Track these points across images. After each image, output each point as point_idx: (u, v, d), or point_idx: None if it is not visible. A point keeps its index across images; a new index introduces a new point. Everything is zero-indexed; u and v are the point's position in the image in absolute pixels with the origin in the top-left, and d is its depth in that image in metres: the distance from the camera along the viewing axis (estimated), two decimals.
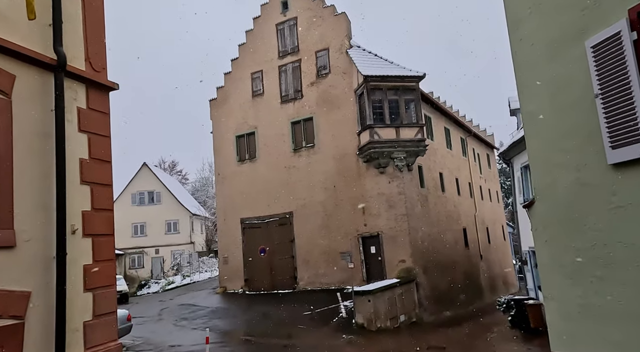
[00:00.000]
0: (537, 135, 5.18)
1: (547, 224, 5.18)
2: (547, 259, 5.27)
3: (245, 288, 22.36)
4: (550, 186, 5.03)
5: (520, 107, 5.48)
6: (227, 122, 24.46)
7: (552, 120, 4.92)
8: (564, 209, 4.86)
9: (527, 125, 5.40)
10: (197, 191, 56.83)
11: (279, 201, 22.09)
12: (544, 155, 5.08)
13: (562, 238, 4.92)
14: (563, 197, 4.85)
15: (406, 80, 19.73)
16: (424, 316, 18.60)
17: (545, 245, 5.26)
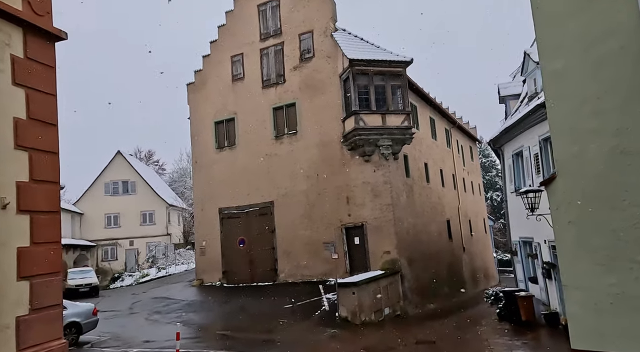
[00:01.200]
0: (563, 98, 4.46)
1: (572, 201, 4.48)
2: (571, 243, 4.58)
3: (223, 280, 21.42)
4: (577, 156, 4.33)
5: (542, 69, 4.75)
6: (206, 108, 23.34)
7: (584, 78, 4.21)
8: (595, 183, 4.16)
9: (550, 87, 4.67)
10: (174, 181, 55.22)
11: (259, 190, 21.17)
12: (570, 121, 4.37)
13: (593, 217, 4.22)
14: (595, 169, 4.15)
15: (393, 65, 18.99)
16: (409, 308, 18.04)
17: (569, 227, 4.57)
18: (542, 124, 11.52)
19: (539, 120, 11.55)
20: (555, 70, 4.59)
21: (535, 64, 13.26)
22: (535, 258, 12.52)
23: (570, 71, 4.37)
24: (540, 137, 11.66)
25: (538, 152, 11.80)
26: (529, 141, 12.41)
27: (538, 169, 11.86)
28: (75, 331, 11.73)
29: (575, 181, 4.48)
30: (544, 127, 11.45)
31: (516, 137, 13.45)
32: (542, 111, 11.12)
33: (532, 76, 13.71)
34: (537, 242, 12.29)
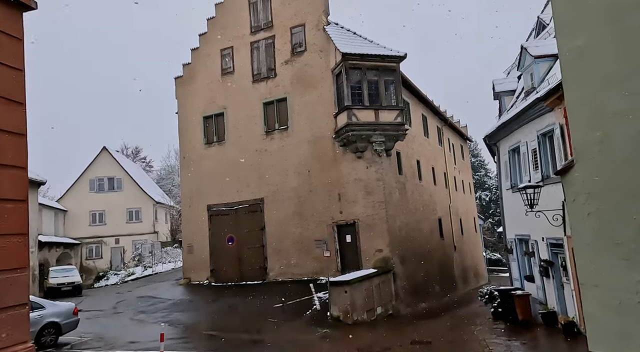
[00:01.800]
0: (584, 79, 4.10)
1: (593, 191, 4.12)
2: (591, 237, 4.22)
3: (211, 279, 20.89)
4: (600, 142, 3.97)
5: (559, 48, 4.38)
6: (194, 102, 22.76)
7: (609, 56, 3.85)
8: (621, 171, 3.80)
9: (568, 68, 4.31)
10: (162, 179, 54.35)
11: (249, 186, 20.68)
12: (594, 103, 4.01)
13: (617, 208, 3.86)
14: (620, 155, 3.79)
15: (387, 60, 18.63)
16: (401, 307, 17.73)
17: (589, 219, 4.21)
18: (540, 119, 11.25)
19: (538, 114, 11.27)
20: (574, 48, 4.22)
21: (533, 58, 13.00)
22: (532, 256, 12.27)
23: (593, 49, 4.00)
24: (539, 132, 11.39)
25: (536, 148, 11.53)
26: (527, 136, 12.14)
27: (536, 165, 11.59)
28: (54, 331, 11.16)
29: (597, 168, 4.11)
30: (542, 121, 11.19)
31: (513, 133, 13.18)
32: (541, 105, 10.84)
33: (528, 71, 13.45)
34: (534, 240, 12.03)
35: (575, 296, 9.92)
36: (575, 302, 9.95)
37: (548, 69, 12.82)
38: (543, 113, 10.95)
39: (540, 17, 17.26)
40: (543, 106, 10.77)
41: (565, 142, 9.84)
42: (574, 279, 9.95)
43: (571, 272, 10.06)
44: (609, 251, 4.03)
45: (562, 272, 10.94)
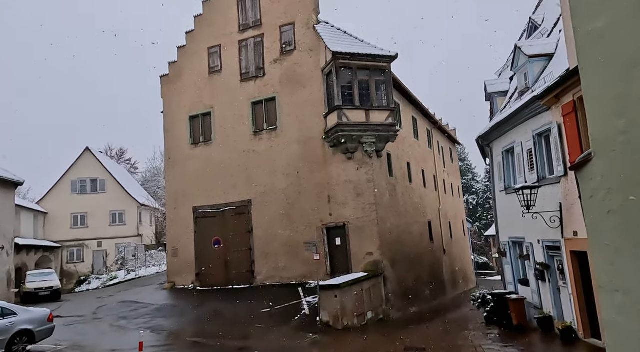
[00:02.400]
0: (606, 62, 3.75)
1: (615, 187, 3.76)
2: (612, 236, 3.84)
3: (197, 283, 20.27)
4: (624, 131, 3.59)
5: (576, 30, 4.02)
6: (180, 101, 22.17)
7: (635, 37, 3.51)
8: None
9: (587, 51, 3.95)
10: (147, 181, 53.39)
11: (236, 188, 20.15)
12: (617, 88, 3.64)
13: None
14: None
15: (378, 59, 18.33)
16: (391, 312, 17.36)
17: (610, 217, 3.82)
18: (536, 118, 11.01)
19: (534, 114, 11.03)
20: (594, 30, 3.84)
21: (527, 58, 12.79)
22: (526, 259, 11.99)
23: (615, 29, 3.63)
24: (535, 132, 11.14)
25: (532, 148, 11.28)
26: (522, 137, 11.89)
27: (532, 166, 11.33)
28: (27, 339, 10.49)
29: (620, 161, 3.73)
30: (538, 121, 10.94)
31: (507, 133, 12.93)
32: (537, 104, 10.60)
33: (522, 71, 13.24)
34: (529, 243, 11.76)
35: (573, 301, 9.65)
36: (573, 306, 9.67)
37: (542, 68, 12.62)
38: (539, 112, 10.70)
39: (532, 18, 17.14)
40: (539, 105, 10.53)
41: (564, 142, 9.59)
42: (572, 282, 9.68)
43: (569, 276, 9.79)
44: (633, 251, 3.65)
45: (558, 276, 10.67)
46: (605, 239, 3.99)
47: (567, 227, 9.71)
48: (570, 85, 8.90)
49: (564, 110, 9.37)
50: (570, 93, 9.03)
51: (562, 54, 11.82)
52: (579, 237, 9.17)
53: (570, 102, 9.05)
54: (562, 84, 9.08)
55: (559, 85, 9.18)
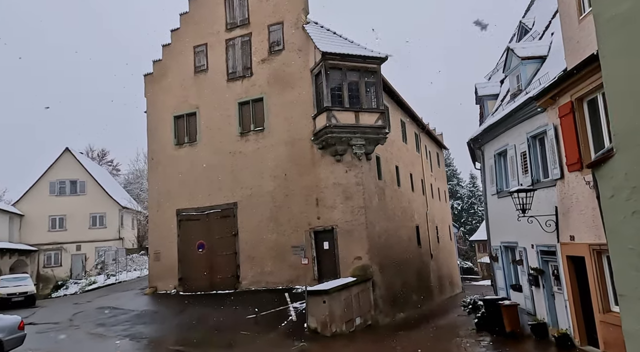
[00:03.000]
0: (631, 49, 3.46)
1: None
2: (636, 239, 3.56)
3: (179, 288, 19.62)
4: None
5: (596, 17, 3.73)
6: (165, 101, 21.56)
7: None
8: None
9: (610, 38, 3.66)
10: (130, 183, 52.24)
11: (221, 190, 19.61)
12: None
13: None
14: None
15: (368, 61, 18.05)
16: (380, 318, 17.00)
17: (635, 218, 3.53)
18: (531, 120, 10.81)
19: (528, 116, 10.83)
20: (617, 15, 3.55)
21: (520, 59, 12.63)
22: (520, 264, 11.77)
23: None
24: (529, 135, 10.94)
25: (526, 150, 11.07)
26: (515, 139, 11.69)
27: (525, 169, 11.12)
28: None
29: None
30: (533, 123, 10.74)
31: (499, 136, 12.73)
32: (532, 106, 10.40)
33: (515, 73, 13.08)
34: (523, 247, 11.54)
35: (569, 307, 9.41)
36: (569, 313, 9.43)
37: (535, 71, 12.48)
38: (534, 114, 10.51)
39: (523, 21, 17.09)
40: (535, 107, 10.33)
41: (560, 144, 9.38)
42: (568, 288, 9.45)
43: (565, 282, 9.56)
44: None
45: (553, 281, 10.44)
46: (629, 242, 3.66)
47: (563, 232, 9.49)
48: (568, 85, 8.69)
49: (560, 111, 9.17)
50: (568, 94, 8.82)
51: (555, 56, 11.70)
52: (575, 242, 8.95)
53: (568, 103, 8.85)
54: (559, 85, 8.88)
55: (556, 85, 8.97)
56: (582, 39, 8.26)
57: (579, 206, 8.69)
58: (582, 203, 8.58)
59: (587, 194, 8.34)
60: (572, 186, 8.95)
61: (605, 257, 8.22)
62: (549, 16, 14.94)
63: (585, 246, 8.50)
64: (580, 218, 8.64)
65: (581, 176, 8.56)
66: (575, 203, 8.82)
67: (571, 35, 8.67)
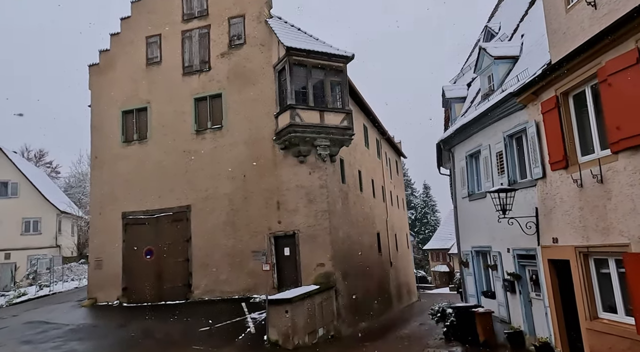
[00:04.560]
0: None
1: None
2: None
3: (123, 299, 17.79)
4: None
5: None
6: (112, 94, 19.78)
7: None
8: None
9: None
10: (71, 187, 48.65)
11: (173, 191, 18.09)
12: None
13: None
14: None
15: (334, 59, 17.32)
16: (342, 328, 16.10)
17: None
18: (508, 119, 10.40)
19: (505, 114, 10.42)
20: None
21: (492, 59, 12.33)
22: (494, 269, 11.28)
23: None
24: (505, 134, 10.53)
25: (502, 150, 10.64)
26: (490, 139, 11.27)
27: (502, 169, 10.69)
28: None
29: None
30: (510, 121, 10.34)
31: (472, 137, 12.30)
32: (511, 103, 9.98)
33: (487, 73, 12.77)
34: (497, 252, 11.06)
35: (550, 314, 8.92)
36: (550, 320, 8.94)
37: (507, 71, 12.21)
38: (512, 112, 10.10)
39: (489, 25, 17.04)
40: (513, 104, 9.91)
41: (542, 142, 8.95)
42: (549, 294, 8.96)
43: (545, 287, 9.07)
44: None
45: (530, 287, 9.98)
46: None
47: (544, 234, 9.03)
48: (553, 79, 8.28)
49: (543, 107, 8.75)
50: (552, 88, 8.41)
51: (528, 56, 11.45)
52: (559, 245, 8.48)
53: (552, 97, 8.43)
54: (543, 79, 8.45)
55: (540, 80, 8.54)
56: (570, 29, 7.87)
57: (563, 206, 8.24)
58: (567, 203, 8.13)
59: (574, 193, 7.90)
60: (555, 185, 8.50)
61: (593, 260, 7.77)
62: (516, 20, 14.90)
63: (571, 249, 8.03)
64: (565, 219, 8.18)
65: (566, 175, 8.11)
66: (560, 203, 8.37)
67: (556, 27, 8.29)
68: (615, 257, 7.20)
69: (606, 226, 7.14)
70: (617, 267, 7.21)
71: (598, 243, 7.37)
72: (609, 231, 7.10)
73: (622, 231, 6.81)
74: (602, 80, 7.01)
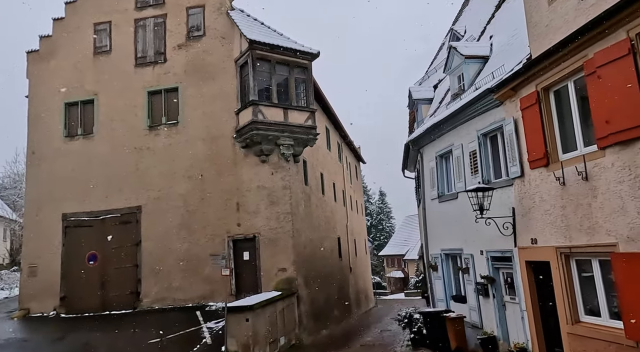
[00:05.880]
0: None
1: None
2: None
3: (61, 310, 16.07)
4: None
5: None
6: (54, 84, 18.05)
7: None
8: None
9: None
10: (5, 189, 44.63)
11: (122, 191, 16.67)
12: None
13: None
14: None
15: (299, 55, 16.68)
16: (304, 336, 15.33)
17: None
18: (483, 117, 10.13)
19: (480, 112, 10.14)
20: None
21: (463, 58, 12.11)
22: (465, 273, 10.95)
23: None
24: (480, 132, 10.24)
25: (476, 149, 10.35)
26: (463, 138, 10.97)
27: (475, 169, 10.38)
28: None
29: None
30: (485, 119, 10.06)
31: (443, 136, 11.99)
32: (487, 100, 9.70)
33: (457, 73, 12.55)
34: (469, 254, 10.73)
35: (528, 318, 8.59)
36: (527, 325, 8.61)
37: (477, 71, 12.03)
38: (487, 109, 9.82)
39: (454, 28, 17.03)
40: (488, 102, 9.63)
41: (520, 139, 8.67)
42: (526, 297, 8.64)
43: (522, 290, 8.76)
44: None
45: (505, 290, 9.68)
46: None
47: (521, 235, 8.73)
48: (534, 74, 8.02)
49: (522, 103, 8.48)
50: (533, 83, 8.15)
51: (498, 57, 11.30)
52: (538, 246, 8.18)
53: (533, 93, 8.16)
54: (523, 74, 8.19)
55: (520, 75, 8.27)
56: (553, 21, 7.63)
57: (543, 205, 7.95)
58: (548, 202, 7.84)
59: (555, 192, 7.61)
60: (535, 183, 8.22)
61: (575, 261, 7.49)
62: (483, 23, 14.88)
63: (552, 250, 7.73)
64: (546, 219, 7.88)
65: (547, 173, 7.83)
66: (539, 203, 8.08)
67: (538, 20, 8.05)
68: (600, 258, 6.93)
69: (591, 225, 6.86)
70: (602, 268, 6.94)
71: (582, 243, 7.09)
72: (594, 230, 6.82)
73: (609, 230, 6.53)
74: (590, 73, 6.75)
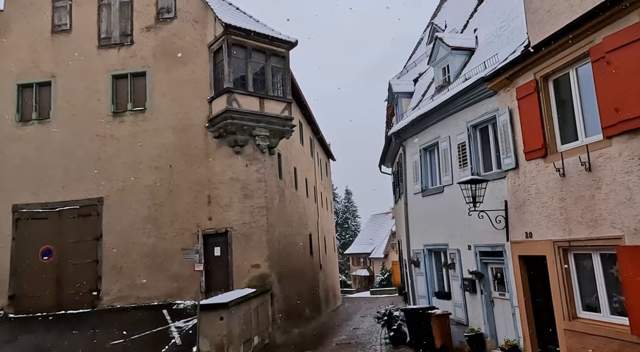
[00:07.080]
0: None
1: None
2: None
3: (9, 309, 14.67)
4: None
5: None
6: (5, 63, 16.52)
7: None
8: None
9: None
10: None
11: (82, 181, 15.43)
12: None
13: None
14: None
15: (276, 43, 15.99)
16: (277, 335, 14.69)
17: None
18: (473, 107, 9.82)
19: (470, 103, 9.84)
20: None
21: (449, 49, 11.81)
22: (451, 269, 10.64)
23: None
24: (469, 124, 9.94)
25: (465, 141, 10.05)
26: (450, 131, 10.66)
27: (464, 162, 10.08)
28: None
29: None
30: (476, 110, 9.76)
31: (429, 128, 11.65)
32: (479, 90, 9.40)
33: (442, 64, 12.24)
34: (455, 249, 10.42)
35: (520, 314, 8.33)
36: (519, 321, 8.36)
37: (463, 63, 11.77)
38: (479, 99, 9.52)
39: (434, 22, 16.83)
40: (481, 92, 9.34)
41: (515, 130, 8.40)
42: (518, 293, 8.39)
43: (514, 285, 8.50)
44: None
45: (493, 286, 9.41)
46: None
47: (514, 229, 8.47)
48: (533, 62, 7.76)
49: (519, 92, 8.20)
50: (531, 72, 7.89)
51: (486, 48, 11.06)
52: (533, 239, 7.92)
53: (530, 82, 7.90)
54: (522, 61, 7.92)
55: (518, 62, 8.00)
56: (555, 6, 7.35)
57: (540, 198, 7.69)
58: (545, 194, 7.58)
59: (554, 184, 7.36)
60: (530, 176, 7.95)
61: (573, 255, 7.26)
62: (465, 17, 14.70)
63: (548, 243, 7.48)
64: (542, 212, 7.63)
65: (545, 164, 7.57)
66: (535, 195, 7.82)
67: (538, 5, 7.77)
68: (601, 252, 6.71)
69: (594, 217, 6.62)
70: (603, 262, 6.72)
71: (582, 236, 6.85)
72: (597, 222, 6.58)
73: (614, 222, 6.29)
74: (597, 58, 6.50)
